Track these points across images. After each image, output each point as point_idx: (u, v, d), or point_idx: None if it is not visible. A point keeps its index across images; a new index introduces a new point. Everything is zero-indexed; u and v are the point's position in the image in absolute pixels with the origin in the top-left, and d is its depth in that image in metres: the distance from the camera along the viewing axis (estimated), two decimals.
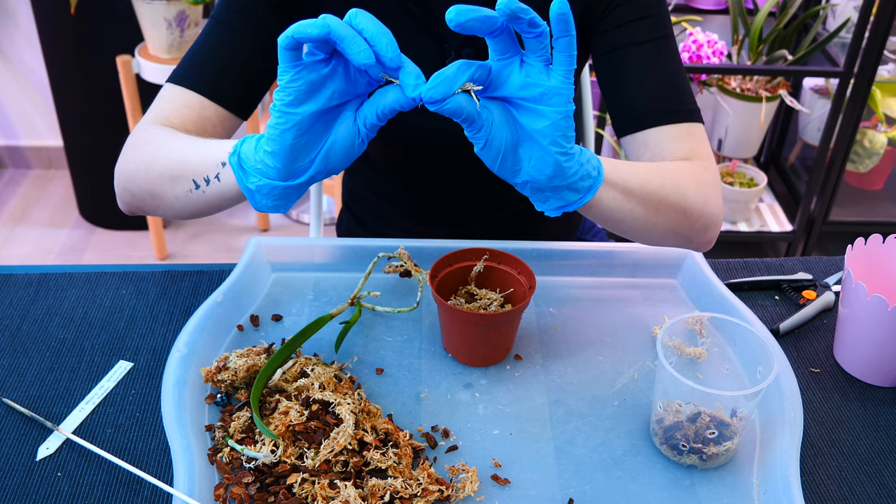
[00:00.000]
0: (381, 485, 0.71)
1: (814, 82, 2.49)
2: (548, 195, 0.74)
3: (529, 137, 0.70)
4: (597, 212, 0.81)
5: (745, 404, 0.74)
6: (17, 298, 0.95)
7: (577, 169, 0.73)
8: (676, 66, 0.96)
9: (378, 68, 0.65)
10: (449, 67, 0.66)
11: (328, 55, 0.67)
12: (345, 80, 0.68)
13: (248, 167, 0.72)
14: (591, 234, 1.31)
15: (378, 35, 0.65)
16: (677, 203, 0.86)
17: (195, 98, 0.92)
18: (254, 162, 0.71)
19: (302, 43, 0.65)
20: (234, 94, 0.95)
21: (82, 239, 2.57)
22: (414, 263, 0.94)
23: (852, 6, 2.32)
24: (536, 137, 0.69)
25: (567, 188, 0.74)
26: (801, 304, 1.00)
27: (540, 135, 0.69)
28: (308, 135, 0.69)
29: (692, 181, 0.89)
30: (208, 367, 0.82)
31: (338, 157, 0.71)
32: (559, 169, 0.71)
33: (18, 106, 2.79)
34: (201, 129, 0.93)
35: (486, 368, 0.87)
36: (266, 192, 0.72)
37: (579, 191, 0.74)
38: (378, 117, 0.69)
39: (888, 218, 2.48)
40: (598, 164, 0.77)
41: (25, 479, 0.75)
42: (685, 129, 0.94)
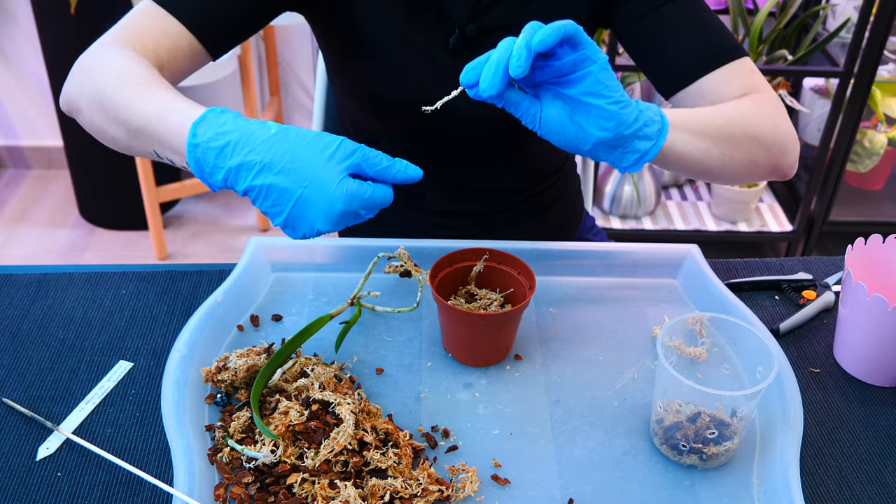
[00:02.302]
0: (381, 485, 0.71)
1: (814, 82, 2.49)
2: (621, 151, 0.77)
3: (580, 103, 0.74)
4: (674, 158, 0.83)
5: (745, 404, 0.74)
6: (17, 298, 0.95)
7: (636, 115, 0.76)
8: (706, 11, 0.97)
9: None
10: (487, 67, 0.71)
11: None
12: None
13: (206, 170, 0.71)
14: (591, 234, 1.31)
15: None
16: (748, 132, 0.88)
17: (175, 26, 0.88)
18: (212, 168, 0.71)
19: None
20: (216, 32, 0.91)
21: (82, 239, 2.57)
22: (414, 263, 0.94)
23: (852, 6, 2.32)
24: (585, 99, 0.73)
25: (635, 137, 0.76)
26: (801, 304, 1.00)
27: (587, 94, 0.73)
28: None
29: (755, 111, 0.91)
30: (208, 367, 0.82)
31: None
32: (619, 119, 0.74)
33: (18, 106, 2.79)
34: (171, 58, 0.89)
35: (486, 368, 0.87)
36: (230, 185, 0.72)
37: (649, 137, 0.77)
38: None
39: (888, 218, 2.48)
40: (659, 110, 0.79)
41: (25, 479, 0.75)
42: (735, 68, 0.95)
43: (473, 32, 0.98)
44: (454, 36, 0.98)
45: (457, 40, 0.98)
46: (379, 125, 1.08)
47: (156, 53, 0.88)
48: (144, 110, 0.77)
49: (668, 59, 0.97)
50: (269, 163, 0.68)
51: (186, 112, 0.74)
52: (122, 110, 0.79)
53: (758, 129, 0.89)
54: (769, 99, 0.94)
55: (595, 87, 0.73)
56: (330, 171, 0.68)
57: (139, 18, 0.90)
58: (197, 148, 0.71)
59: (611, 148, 0.77)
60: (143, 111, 0.77)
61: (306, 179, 0.68)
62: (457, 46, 0.99)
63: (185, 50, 0.90)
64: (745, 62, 0.96)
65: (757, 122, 0.89)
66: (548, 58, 0.73)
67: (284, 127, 0.70)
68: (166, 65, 0.89)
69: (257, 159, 0.69)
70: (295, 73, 2.75)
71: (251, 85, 2.29)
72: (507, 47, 0.71)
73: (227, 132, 0.70)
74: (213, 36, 0.91)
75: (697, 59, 0.95)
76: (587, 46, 0.72)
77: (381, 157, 0.71)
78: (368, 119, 1.08)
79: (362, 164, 0.70)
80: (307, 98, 2.81)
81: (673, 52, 0.96)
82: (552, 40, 0.70)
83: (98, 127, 0.84)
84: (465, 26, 0.98)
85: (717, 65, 0.95)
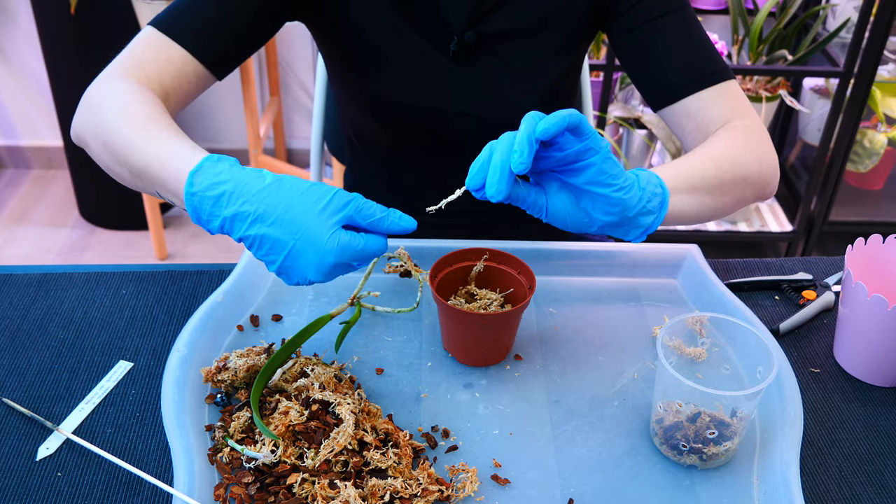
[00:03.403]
0: (381, 485, 0.71)
1: (814, 82, 2.49)
2: (626, 228, 0.80)
3: (585, 192, 0.75)
4: (672, 218, 0.86)
5: (745, 404, 0.74)
6: (17, 298, 0.95)
7: (640, 195, 0.78)
8: (698, 31, 0.99)
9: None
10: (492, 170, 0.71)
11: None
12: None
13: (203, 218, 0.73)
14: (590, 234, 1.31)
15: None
16: (737, 176, 0.91)
17: (178, 52, 0.89)
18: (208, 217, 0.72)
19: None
20: (218, 54, 0.92)
21: (82, 239, 2.57)
22: (414, 263, 0.94)
23: (852, 6, 2.32)
24: (590, 188, 0.75)
25: (640, 215, 0.79)
26: (801, 304, 1.00)
27: (591, 184, 0.75)
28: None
29: (743, 148, 0.93)
30: (208, 367, 0.82)
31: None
32: (623, 205, 0.76)
33: (18, 106, 2.79)
34: (176, 85, 0.90)
35: (486, 368, 0.87)
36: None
37: (652, 212, 0.80)
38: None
39: (888, 218, 2.48)
40: (659, 181, 0.82)
41: (25, 479, 0.75)
42: (721, 90, 0.97)
43: (472, 39, 0.98)
44: (453, 43, 0.98)
45: (456, 47, 0.98)
46: (381, 131, 1.08)
47: (160, 82, 0.89)
48: (145, 153, 0.78)
49: (659, 73, 0.98)
50: (262, 213, 0.69)
51: (185, 158, 0.74)
52: (125, 152, 0.80)
53: (746, 171, 0.92)
54: (754, 128, 0.96)
55: (599, 176, 0.74)
56: (322, 223, 0.69)
57: (143, 47, 0.90)
58: (194, 197, 0.72)
59: (615, 227, 0.79)
60: (144, 154, 0.78)
61: (298, 231, 0.69)
62: (457, 53, 0.99)
63: (190, 75, 0.91)
64: (732, 85, 0.98)
65: (744, 163, 0.92)
66: (550, 146, 0.74)
67: (279, 177, 0.71)
68: (171, 92, 0.90)
69: (251, 210, 0.69)
70: (295, 73, 2.75)
71: (251, 85, 2.29)
72: (509, 143, 0.71)
73: (222, 181, 0.71)
74: (217, 59, 0.92)
75: (687, 78, 0.97)
76: (590, 137, 0.73)
77: (374, 209, 0.71)
78: (370, 125, 1.08)
79: (355, 216, 0.71)
80: (307, 98, 2.81)
81: (664, 67, 0.98)
82: (555, 130, 0.70)
83: (105, 164, 0.86)
84: (463, 33, 0.98)
85: (706, 85, 0.97)
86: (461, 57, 0.99)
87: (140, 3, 2.05)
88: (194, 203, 0.72)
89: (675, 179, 0.85)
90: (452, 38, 0.98)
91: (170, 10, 0.92)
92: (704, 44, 0.98)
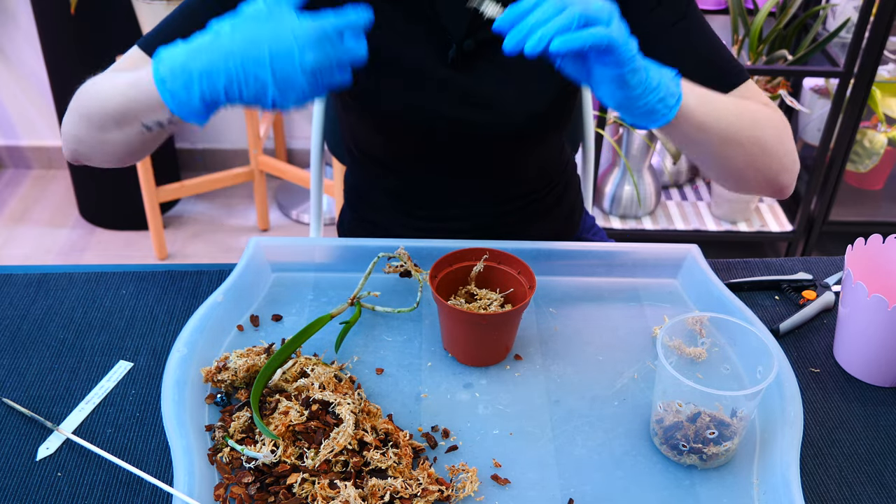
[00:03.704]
0: (381, 485, 0.71)
1: (814, 82, 2.49)
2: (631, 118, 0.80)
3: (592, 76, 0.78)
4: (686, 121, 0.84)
5: (745, 404, 0.74)
6: (17, 298, 0.95)
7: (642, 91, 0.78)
8: (710, 35, 0.97)
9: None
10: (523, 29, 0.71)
11: None
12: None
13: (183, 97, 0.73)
14: (591, 234, 1.31)
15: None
16: (754, 136, 0.90)
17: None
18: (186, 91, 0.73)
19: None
20: None
21: (82, 239, 2.57)
22: (414, 263, 0.94)
23: (852, 6, 2.32)
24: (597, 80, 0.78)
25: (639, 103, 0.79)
26: (801, 304, 1.00)
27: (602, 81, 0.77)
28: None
29: (766, 120, 0.92)
30: (208, 367, 0.82)
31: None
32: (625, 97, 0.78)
33: (18, 106, 2.79)
34: None
35: (486, 368, 0.87)
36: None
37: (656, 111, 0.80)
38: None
39: (888, 218, 2.48)
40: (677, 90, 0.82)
41: (25, 479, 0.75)
42: (740, 92, 0.96)
43: (471, 47, 0.97)
44: (452, 50, 0.98)
45: (455, 54, 0.98)
46: (379, 140, 1.08)
47: None
48: (119, 91, 0.82)
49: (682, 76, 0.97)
50: (229, 52, 0.71)
51: (149, 68, 0.77)
52: (103, 105, 0.84)
53: (763, 135, 0.91)
54: (778, 115, 0.95)
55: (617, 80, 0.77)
56: (283, 17, 0.70)
57: (124, 61, 0.95)
58: (165, 82, 0.73)
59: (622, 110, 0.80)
60: (118, 93, 0.82)
61: (266, 39, 0.70)
62: (455, 60, 0.98)
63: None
64: (750, 85, 0.97)
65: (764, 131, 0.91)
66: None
67: (228, 22, 0.72)
68: None
69: (219, 58, 0.71)
70: None
71: None
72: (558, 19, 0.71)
73: (179, 54, 0.73)
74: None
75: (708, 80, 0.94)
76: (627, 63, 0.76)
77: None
78: (369, 134, 1.08)
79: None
80: None
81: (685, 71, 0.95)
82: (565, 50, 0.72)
83: (96, 142, 0.87)
84: (462, 41, 0.97)
85: (726, 90, 0.95)
86: (460, 64, 0.99)
87: (140, 3, 2.05)
88: (168, 88, 0.73)
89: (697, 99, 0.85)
90: (451, 45, 0.98)
91: (154, 29, 0.96)
92: (718, 47, 0.97)
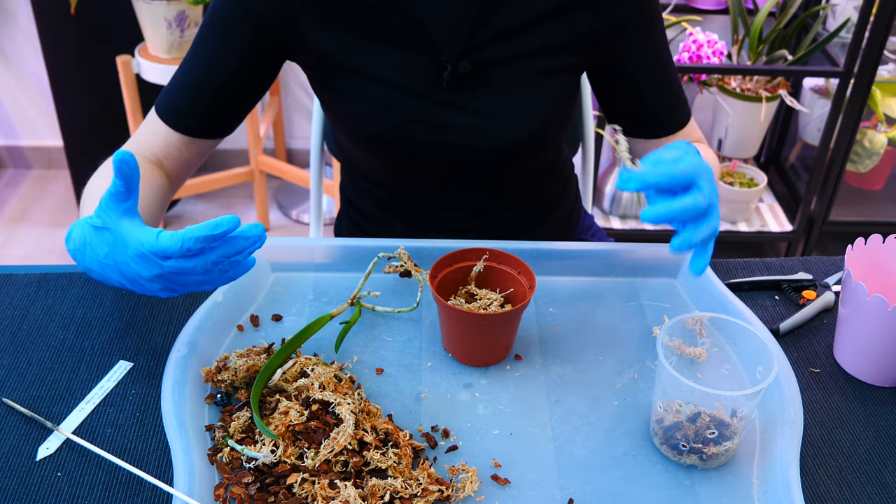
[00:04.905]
0: (381, 485, 0.71)
1: (814, 82, 2.49)
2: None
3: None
4: None
5: (745, 404, 0.74)
6: (17, 298, 0.95)
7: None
8: (675, 72, 1.05)
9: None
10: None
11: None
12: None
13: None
14: (590, 234, 1.31)
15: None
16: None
17: (162, 126, 0.99)
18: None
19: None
20: (201, 123, 0.99)
21: None
22: (414, 263, 0.94)
23: (852, 6, 2.32)
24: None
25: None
26: (801, 304, 1.00)
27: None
28: None
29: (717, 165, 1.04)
30: (208, 367, 0.82)
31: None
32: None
33: (18, 106, 2.79)
34: (166, 154, 0.99)
35: (486, 368, 0.87)
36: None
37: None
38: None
39: (888, 218, 2.48)
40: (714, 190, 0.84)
41: (25, 479, 0.75)
42: (689, 128, 1.08)
43: (466, 68, 0.96)
44: (447, 73, 0.96)
45: (450, 76, 0.97)
46: (373, 162, 1.07)
47: (151, 152, 0.99)
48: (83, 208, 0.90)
49: (639, 110, 1.05)
50: (92, 267, 0.76)
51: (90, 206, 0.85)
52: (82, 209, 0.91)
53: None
54: (715, 159, 1.05)
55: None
56: (125, 246, 0.73)
57: (143, 125, 1.01)
58: (74, 257, 0.79)
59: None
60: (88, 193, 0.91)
61: (114, 270, 0.75)
62: (450, 82, 0.97)
63: (177, 144, 1.00)
64: (693, 122, 1.08)
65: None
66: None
67: (83, 238, 0.76)
68: (164, 160, 1.00)
69: (89, 265, 0.77)
70: (295, 73, 2.75)
71: None
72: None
73: (73, 241, 0.77)
74: (200, 127, 0.99)
75: (666, 120, 1.05)
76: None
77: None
78: (362, 156, 1.07)
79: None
80: (307, 98, 2.81)
81: (645, 106, 1.04)
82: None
83: None
84: (457, 62, 0.96)
85: (681, 128, 1.06)
86: (454, 87, 0.98)
87: (140, 3, 2.05)
88: (76, 260, 0.79)
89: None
90: (446, 67, 0.96)
91: (167, 85, 1.00)
92: (679, 85, 1.05)
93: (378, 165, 1.08)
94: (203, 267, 0.71)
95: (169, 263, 0.70)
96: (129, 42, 2.22)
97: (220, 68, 0.96)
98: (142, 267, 0.72)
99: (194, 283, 0.73)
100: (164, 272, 0.71)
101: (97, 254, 0.74)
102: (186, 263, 0.70)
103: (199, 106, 0.98)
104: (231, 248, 0.72)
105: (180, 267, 0.70)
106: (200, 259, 0.71)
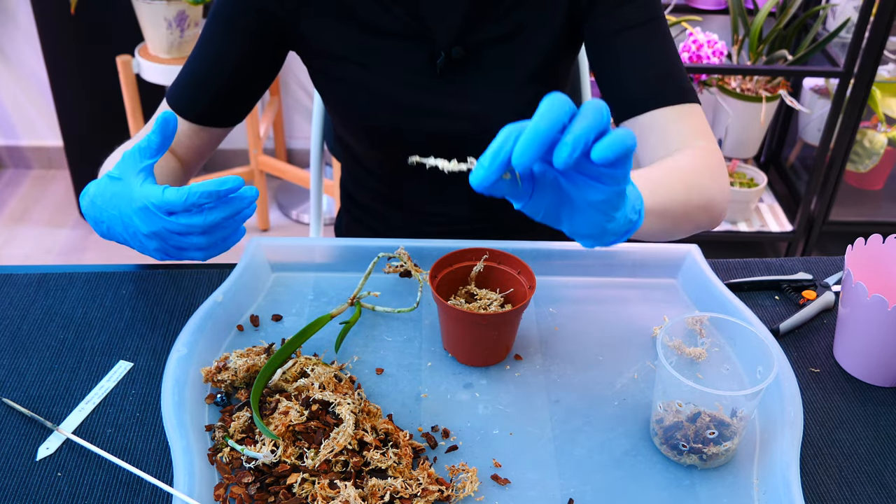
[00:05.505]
0: (381, 485, 0.71)
1: (814, 82, 2.49)
2: (590, 242, 0.70)
3: (573, 203, 0.66)
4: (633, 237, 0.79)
5: (745, 404, 0.74)
6: (17, 298, 0.95)
7: (621, 222, 0.68)
8: (668, 47, 0.97)
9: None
10: (489, 159, 0.60)
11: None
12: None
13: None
14: None
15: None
16: (701, 204, 0.91)
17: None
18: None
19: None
20: (209, 112, 1.00)
21: (82, 239, 2.57)
22: (414, 263, 0.94)
23: (852, 6, 2.32)
24: (583, 206, 0.65)
25: (610, 235, 0.69)
26: (801, 304, 1.00)
27: (588, 206, 0.65)
28: None
29: (708, 175, 0.92)
30: (208, 367, 0.82)
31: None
32: (602, 229, 0.67)
33: (18, 106, 2.79)
34: (177, 141, 1.02)
35: (486, 368, 0.87)
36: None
37: (620, 235, 0.71)
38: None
39: (888, 218, 2.48)
40: (640, 207, 0.73)
41: (25, 479, 0.75)
42: (684, 110, 0.96)
43: (459, 54, 0.97)
44: (440, 59, 0.97)
45: (443, 63, 0.98)
46: (371, 152, 1.08)
47: None
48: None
49: (621, 85, 0.97)
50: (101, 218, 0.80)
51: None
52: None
53: (708, 198, 0.92)
54: (714, 154, 0.95)
55: (605, 205, 0.65)
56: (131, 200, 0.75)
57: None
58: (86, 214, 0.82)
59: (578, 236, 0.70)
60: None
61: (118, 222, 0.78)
62: (444, 69, 0.98)
63: (186, 131, 1.02)
64: (695, 107, 0.97)
65: (709, 191, 0.92)
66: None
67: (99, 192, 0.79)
68: (176, 146, 1.02)
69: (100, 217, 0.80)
70: (295, 73, 2.75)
71: None
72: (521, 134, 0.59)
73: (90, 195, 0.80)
74: (209, 116, 1.01)
75: (648, 94, 0.95)
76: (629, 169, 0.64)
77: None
78: (361, 147, 1.09)
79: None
80: (307, 98, 2.81)
81: (626, 80, 0.96)
82: (613, 157, 0.58)
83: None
84: (450, 48, 0.97)
85: (667, 103, 0.95)
86: (447, 73, 0.99)
87: (140, 3, 2.05)
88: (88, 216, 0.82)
89: (652, 200, 0.80)
90: (439, 54, 0.97)
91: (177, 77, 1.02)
92: (672, 61, 0.97)
93: (378, 157, 1.08)
94: (202, 226, 0.72)
95: (171, 219, 0.72)
96: (129, 42, 2.22)
97: (225, 61, 0.98)
98: (143, 221, 0.74)
99: (190, 247, 0.75)
100: (163, 229, 0.73)
101: (107, 204, 0.77)
102: (188, 219, 0.72)
103: (208, 96, 1.00)
104: (230, 209, 0.73)
105: (181, 223, 0.72)
106: (201, 217, 0.72)
